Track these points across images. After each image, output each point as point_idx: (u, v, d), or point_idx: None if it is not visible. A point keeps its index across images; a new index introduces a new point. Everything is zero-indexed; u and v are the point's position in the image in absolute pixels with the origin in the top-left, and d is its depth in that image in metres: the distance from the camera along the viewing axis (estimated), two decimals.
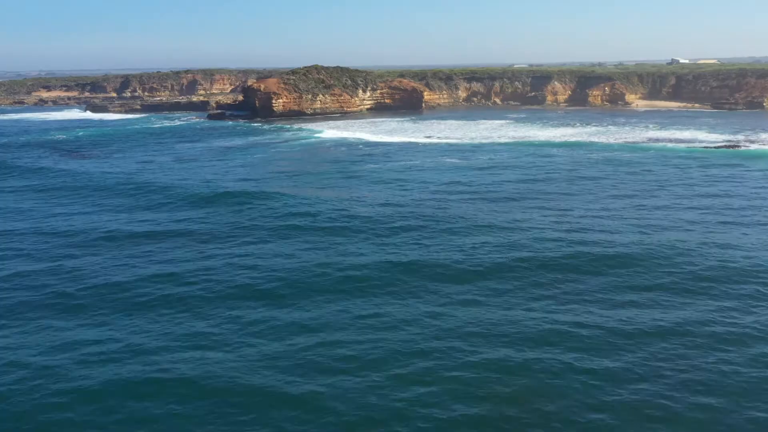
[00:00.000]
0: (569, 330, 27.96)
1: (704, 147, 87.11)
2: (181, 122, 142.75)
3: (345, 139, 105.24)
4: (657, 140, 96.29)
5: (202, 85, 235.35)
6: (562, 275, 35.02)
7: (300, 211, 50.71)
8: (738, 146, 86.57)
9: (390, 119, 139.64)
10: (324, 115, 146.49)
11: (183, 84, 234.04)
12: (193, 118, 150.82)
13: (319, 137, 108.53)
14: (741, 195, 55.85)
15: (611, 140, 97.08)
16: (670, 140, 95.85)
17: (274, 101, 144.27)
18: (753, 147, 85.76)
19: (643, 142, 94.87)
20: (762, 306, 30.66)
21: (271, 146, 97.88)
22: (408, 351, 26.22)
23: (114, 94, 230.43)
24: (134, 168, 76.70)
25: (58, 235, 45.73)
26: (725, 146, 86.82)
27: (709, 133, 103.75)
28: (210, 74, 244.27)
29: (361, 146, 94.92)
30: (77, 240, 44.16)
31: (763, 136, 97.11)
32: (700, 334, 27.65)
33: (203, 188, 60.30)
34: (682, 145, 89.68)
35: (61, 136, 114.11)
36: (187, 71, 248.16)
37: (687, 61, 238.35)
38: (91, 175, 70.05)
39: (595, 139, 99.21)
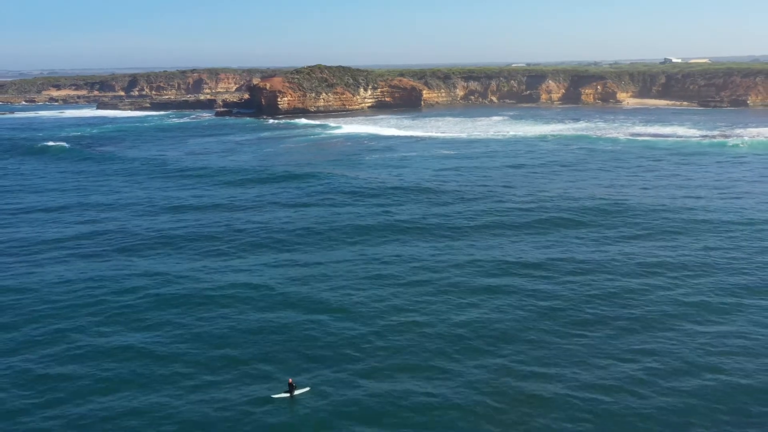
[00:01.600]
0: (523, 267, 36.34)
1: (681, 140, 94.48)
2: (192, 119, 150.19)
3: (350, 133, 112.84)
4: (639, 135, 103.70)
5: (208, 84, 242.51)
6: (532, 233, 43.17)
7: (314, 189, 58.76)
8: (713, 140, 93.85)
9: (390, 116, 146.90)
10: (327, 113, 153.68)
11: (189, 83, 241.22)
12: (203, 116, 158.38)
13: (326, 132, 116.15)
14: (693, 177, 64.09)
15: (597, 134, 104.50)
16: (652, 135, 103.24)
17: (279, 99, 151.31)
18: (727, 140, 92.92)
19: (626, 136, 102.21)
20: (679, 246, 39.27)
21: (282, 140, 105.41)
22: (401, 279, 34.65)
23: (122, 93, 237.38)
24: (160, 158, 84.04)
25: (105, 209, 53.49)
26: (699, 140, 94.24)
27: (689, 128, 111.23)
28: (215, 73, 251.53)
29: (365, 140, 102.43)
30: (123, 213, 51.84)
31: (738, 131, 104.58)
32: (631, 264, 36.38)
33: (226, 174, 68.16)
34: (661, 139, 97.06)
35: (79, 133, 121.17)
36: (193, 70, 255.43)
37: (679, 61, 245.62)
38: (122, 162, 77.82)
39: (582, 134, 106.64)
